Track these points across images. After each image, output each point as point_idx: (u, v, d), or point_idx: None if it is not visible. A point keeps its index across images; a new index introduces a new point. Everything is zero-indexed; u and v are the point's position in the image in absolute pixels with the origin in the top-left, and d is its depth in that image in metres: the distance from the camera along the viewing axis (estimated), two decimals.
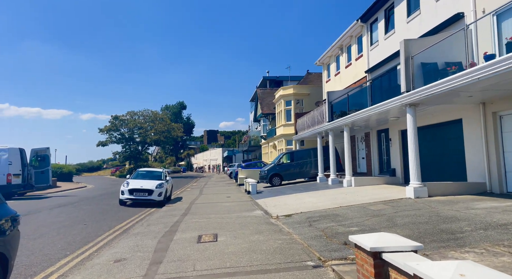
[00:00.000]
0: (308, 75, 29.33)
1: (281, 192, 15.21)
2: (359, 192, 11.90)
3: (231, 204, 12.57)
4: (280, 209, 10.17)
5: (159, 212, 11.39)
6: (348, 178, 14.04)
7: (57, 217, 10.38)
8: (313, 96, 25.73)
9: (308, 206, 10.03)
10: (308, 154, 19.41)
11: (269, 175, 18.71)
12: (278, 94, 27.22)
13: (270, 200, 12.54)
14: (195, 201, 14.26)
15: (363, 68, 16.79)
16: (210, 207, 12.05)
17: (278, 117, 28.18)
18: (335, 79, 20.87)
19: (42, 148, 17.51)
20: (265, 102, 35.42)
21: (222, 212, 10.56)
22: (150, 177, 14.81)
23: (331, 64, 21.47)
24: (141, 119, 46.89)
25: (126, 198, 13.15)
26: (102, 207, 12.96)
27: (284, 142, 26.34)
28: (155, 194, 13.28)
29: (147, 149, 50.46)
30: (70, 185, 26.45)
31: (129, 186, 13.29)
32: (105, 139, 45.66)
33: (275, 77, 39.99)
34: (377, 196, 10.32)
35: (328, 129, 16.08)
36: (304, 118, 21.39)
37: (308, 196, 12.53)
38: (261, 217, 9.15)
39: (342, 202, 10.06)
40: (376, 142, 15.83)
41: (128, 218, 10.33)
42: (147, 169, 16.03)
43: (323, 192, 13.31)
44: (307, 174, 19.23)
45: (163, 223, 8.98)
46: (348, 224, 7.05)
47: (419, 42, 9.74)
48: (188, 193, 19.06)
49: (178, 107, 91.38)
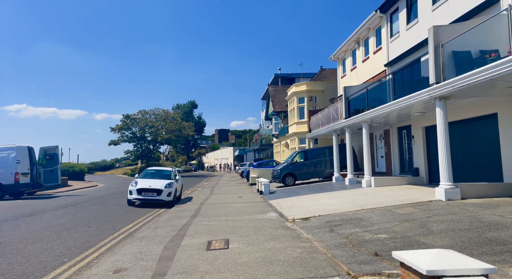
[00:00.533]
0: (322, 71, 28.41)
1: (295, 192, 14.47)
2: (381, 193, 11.06)
3: (243, 205, 11.91)
4: (295, 211, 9.45)
5: (167, 213, 10.83)
6: (367, 178, 13.19)
7: (61, 218, 9.93)
8: (327, 93, 24.84)
9: (326, 209, 9.27)
10: (322, 152, 18.59)
11: (282, 174, 17.98)
12: (291, 91, 26.42)
13: (284, 201, 11.83)
14: (206, 202, 13.67)
15: (382, 62, 15.86)
16: (221, 208, 11.42)
17: (290, 115, 27.39)
18: (351, 74, 19.96)
19: (50, 146, 17.25)
20: (277, 100, 34.64)
21: (234, 214, 9.91)
22: (159, 176, 14.30)
23: (347, 59, 20.55)
24: (152, 118, 46.80)
25: (134, 198, 12.66)
26: (109, 207, 12.51)
27: (297, 141, 25.54)
28: (164, 194, 12.75)
29: (158, 148, 50.38)
30: (82, 184, 26.34)
31: (137, 185, 12.79)
32: (117, 138, 45.77)
33: (287, 74, 39.13)
34: (403, 198, 9.48)
35: (345, 126, 15.24)
36: (318, 116, 20.56)
37: (325, 197, 11.76)
38: (275, 220, 8.46)
39: (363, 204, 9.26)
40: (396, 140, 14.90)
41: (135, 219, 9.79)
42: (156, 168, 15.53)
43: (341, 193, 12.51)
44: (321, 173, 18.42)
45: (171, 226, 8.39)
46: (375, 230, 6.27)
47: (450, 28, 8.84)
48: (198, 193, 18.52)
49: (189, 106, 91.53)
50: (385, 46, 15.55)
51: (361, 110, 14.34)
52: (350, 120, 14.65)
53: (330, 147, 18.72)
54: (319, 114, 20.37)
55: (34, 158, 16.48)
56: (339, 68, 22.11)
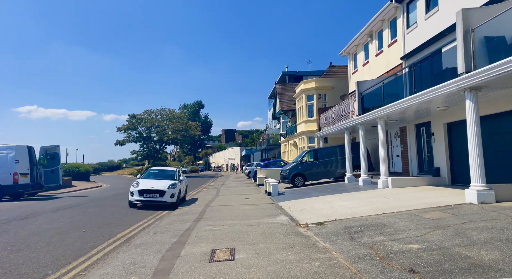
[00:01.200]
0: (331, 68, 27.49)
1: (306, 193, 13.64)
2: (401, 195, 10.17)
3: (251, 208, 11.14)
4: (308, 214, 8.64)
5: (170, 216, 10.12)
6: (383, 179, 12.30)
7: (56, 221, 9.28)
8: (337, 90, 23.92)
9: (342, 212, 8.44)
10: (333, 151, 17.71)
11: (291, 174, 17.16)
12: (299, 88, 25.57)
13: (295, 203, 11.02)
14: (211, 203, 12.93)
15: (397, 55, 14.93)
16: (227, 210, 10.66)
17: (299, 113, 26.54)
18: (363, 69, 19.04)
19: (51, 145, 16.70)
20: (285, 98, 33.80)
21: (241, 217, 9.14)
22: (163, 176, 13.61)
23: (359, 54, 19.63)
24: (159, 117, 46.35)
25: (136, 200, 11.98)
26: (109, 209, 11.86)
27: (306, 140, 24.67)
28: (167, 196, 12.05)
29: (164, 148, 49.93)
30: (86, 184, 25.89)
31: (139, 186, 12.12)
32: (123, 138, 45.45)
33: (294, 72, 38.25)
34: (427, 201, 8.59)
35: (358, 123, 14.35)
36: (328, 113, 19.68)
37: (339, 199, 10.91)
38: (287, 225, 7.66)
39: (384, 207, 8.40)
40: (414, 138, 13.96)
41: (135, 223, 9.09)
42: (159, 168, 14.84)
43: (355, 194, 11.64)
44: (332, 174, 17.55)
45: (172, 231, 7.66)
46: (404, 239, 5.44)
47: (481, 11, 7.93)
48: (204, 194, 17.81)
49: (196, 106, 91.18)
50: (401, 38, 14.62)
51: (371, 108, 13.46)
52: (364, 117, 13.77)
53: (342, 146, 17.84)
54: (330, 112, 19.49)
55: (34, 158, 15.94)
56: (350, 64, 21.19)
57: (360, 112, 14.38)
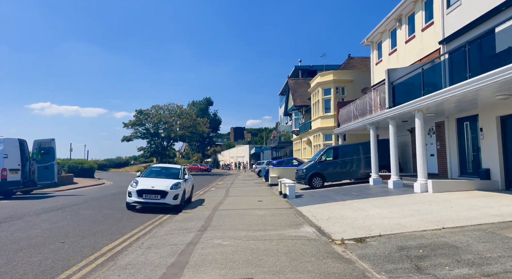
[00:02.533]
0: (350, 60, 25.58)
1: (328, 197, 11.92)
2: (449, 202, 8.38)
3: (266, 213, 9.49)
4: (339, 225, 6.95)
5: (171, 222, 8.55)
6: (421, 181, 10.50)
7: (34, 227, 7.79)
8: (357, 83, 22.05)
9: (383, 224, 6.72)
10: (356, 149, 15.92)
11: (308, 174, 15.43)
12: (315, 81, 23.76)
13: (318, 209, 9.33)
14: (219, 206, 11.33)
15: (434, 39, 13.05)
16: (238, 216, 9.04)
17: (314, 109, 24.74)
18: (389, 59, 17.15)
19: (46, 139, 15.29)
20: (298, 93, 32.01)
21: (255, 226, 7.51)
22: (165, 175, 12.07)
23: (384, 42, 17.74)
24: (166, 113, 45.04)
25: (134, 202, 10.45)
26: (104, 212, 10.36)
27: (322, 137, 22.88)
28: (170, 197, 10.50)
29: (172, 144, 48.62)
30: (89, 181, 24.66)
31: (138, 186, 10.59)
32: (130, 134, 44.33)
33: (308, 67, 36.39)
34: (491, 211, 6.81)
35: (388, 117, 12.54)
36: (349, 107, 17.86)
37: (372, 205, 9.17)
38: (316, 241, 5.99)
39: (437, 219, 6.65)
40: (455, 134, 12.08)
41: (128, 231, 7.55)
42: (162, 165, 13.26)
43: (389, 199, 9.87)
44: (354, 174, 15.77)
45: (171, 245, 6.07)
46: (504, 276, 3.70)
47: None
48: (212, 194, 16.24)
49: (205, 103, 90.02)
50: (439, 20, 12.73)
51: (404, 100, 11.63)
52: (396, 110, 11.95)
53: (365, 144, 16.04)
54: (351, 106, 17.67)
55: (27, 153, 14.57)
56: (373, 54, 19.30)
57: (391, 104, 12.56)
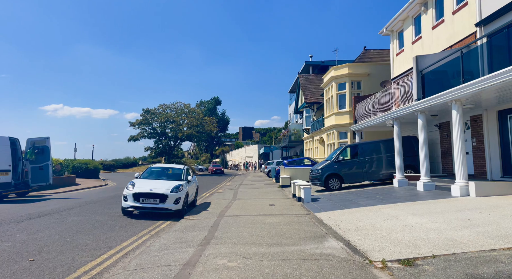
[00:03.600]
0: (365, 53, 24.03)
1: (349, 200, 10.52)
2: (504, 209, 6.92)
3: (280, 221, 8.16)
4: (373, 239, 5.58)
5: (169, 232, 7.29)
6: (461, 183, 9.02)
7: (7, 239, 6.62)
8: (374, 77, 20.51)
9: (430, 238, 5.32)
10: (376, 148, 14.44)
11: (324, 175, 14.03)
12: (328, 75, 22.29)
13: (341, 216, 7.95)
14: (227, 211, 10.04)
15: (469, 22, 11.52)
16: (247, 225, 7.73)
17: (327, 105, 23.26)
18: (412, 48, 15.61)
19: (40, 138, 14.20)
20: (309, 90, 30.55)
21: (269, 239, 6.19)
22: (166, 176, 10.86)
23: (406, 30, 16.20)
24: (174, 112, 44.04)
25: (130, 206, 9.24)
26: (96, 218, 9.16)
27: (336, 135, 21.41)
28: (170, 201, 9.26)
29: (179, 144, 47.60)
30: (91, 182, 23.70)
31: (134, 188, 9.38)
32: (137, 133, 43.47)
33: (319, 62, 34.87)
34: None
35: (418, 110, 11.06)
36: (368, 102, 16.39)
37: (406, 211, 7.74)
38: (348, 262, 4.64)
39: (503, 233, 5.24)
40: (496, 129, 10.54)
41: (117, 244, 6.32)
42: (163, 165, 12.00)
43: (425, 205, 8.41)
44: (375, 175, 14.28)
45: (162, 266, 4.79)
46: None
47: None
48: (219, 197, 14.98)
49: (213, 102, 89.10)
50: (475, 0, 11.19)
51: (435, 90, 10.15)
52: (426, 102, 10.47)
53: (387, 141, 14.57)
54: (370, 100, 16.20)
55: (19, 152, 13.52)
56: (393, 44, 17.76)
57: (420, 95, 11.07)
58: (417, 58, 11.29)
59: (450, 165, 13.07)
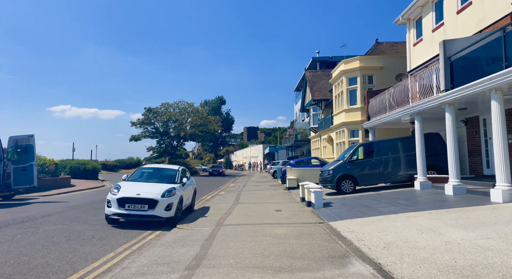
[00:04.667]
0: (377, 46, 22.58)
1: (367, 206, 9.14)
2: None
3: (288, 232, 6.82)
4: (412, 261, 4.22)
5: (154, 248, 6.00)
6: (504, 187, 7.59)
7: None
8: (387, 71, 19.06)
9: (494, 264, 3.94)
10: (393, 146, 13.03)
11: (336, 176, 12.65)
12: (338, 69, 20.88)
13: (362, 227, 6.59)
14: (226, 219, 8.72)
15: (500, 3, 10.06)
16: (249, 238, 6.41)
17: (336, 101, 21.85)
18: (432, 36, 14.16)
19: (23, 136, 12.93)
20: (316, 86, 29.15)
21: (275, 259, 4.86)
22: (158, 178, 9.59)
23: (425, 17, 14.75)
24: (176, 111, 42.90)
25: (114, 214, 7.97)
26: (73, 227, 7.91)
27: (347, 133, 19.99)
28: (161, 207, 7.99)
29: (182, 144, 46.47)
30: (89, 183, 22.58)
31: (120, 193, 8.12)
32: (139, 133, 42.39)
33: (327, 58, 33.43)
34: None
35: (445, 102, 9.64)
36: (383, 96, 14.97)
37: (442, 222, 6.35)
38: None
39: None
40: None
41: (85, 264, 5.05)
42: (155, 165, 10.67)
43: (463, 214, 7.00)
44: (392, 176, 12.86)
45: None
46: None
47: None
48: (220, 200, 13.69)
49: (218, 102, 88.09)
50: None
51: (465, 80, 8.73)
52: (458, 92, 9.05)
53: (406, 139, 13.18)
54: (385, 94, 14.77)
55: (1, 152, 12.38)
56: (410, 33, 16.30)
57: (449, 85, 9.64)
58: (444, 43, 9.86)
59: (478, 165, 11.61)
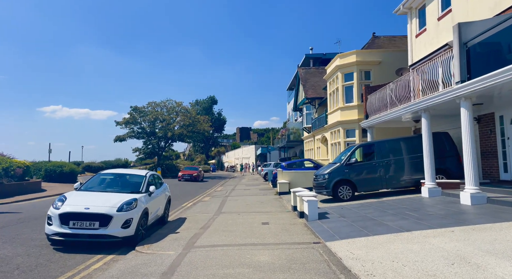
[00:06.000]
0: (374, 39, 21.23)
1: (371, 219, 7.64)
2: None
3: (275, 260, 5.25)
4: None
5: None
6: None
7: None
8: (386, 66, 17.69)
9: None
10: (396, 147, 11.58)
11: (332, 181, 11.14)
12: (333, 64, 19.43)
13: (368, 251, 5.08)
14: (201, 237, 7.12)
15: None
16: (222, 271, 4.82)
17: (331, 99, 20.42)
18: (438, 25, 12.77)
19: None
20: (310, 84, 27.72)
21: None
22: (120, 186, 7.93)
23: (429, 4, 13.36)
24: (164, 110, 41.05)
25: (55, 233, 6.30)
26: (0, 251, 6.22)
27: (342, 133, 18.54)
28: (116, 224, 6.37)
29: (171, 145, 44.60)
30: (63, 188, 20.66)
31: (64, 207, 6.46)
32: (126, 133, 40.37)
33: (321, 55, 32.05)
34: None
35: (462, 95, 8.19)
36: (383, 92, 13.53)
37: (475, 246, 4.85)
38: None
39: None
40: None
41: None
42: (118, 171, 8.80)
43: (498, 234, 5.51)
44: (395, 181, 11.37)
45: None
46: None
47: None
48: (201, 208, 12.08)
49: (209, 101, 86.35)
50: None
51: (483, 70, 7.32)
52: (477, 84, 7.61)
53: (410, 139, 11.78)
54: (386, 89, 13.34)
55: None
56: (411, 24, 14.91)
57: (465, 76, 8.19)
58: (460, 27, 8.40)
59: (494, 169, 10.21)
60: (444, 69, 9.29)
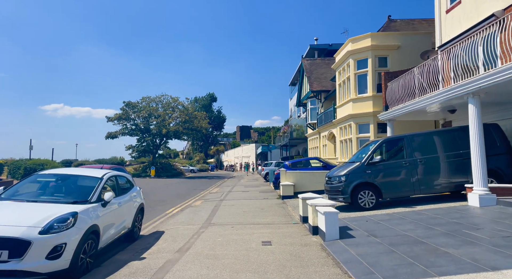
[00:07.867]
0: (390, 23, 18.89)
1: (417, 241, 5.35)
2: None
3: None
4: None
5: None
6: None
7: None
8: (405, 50, 15.38)
9: None
10: (429, 143, 9.27)
11: (351, 185, 8.84)
12: (344, 50, 17.11)
13: None
14: (172, 269, 4.84)
15: None
16: None
17: (341, 90, 18.11)
18: None
19: None
20: (315, 76, 25.41)
21: None
22: (63, 192, 5.64)
23: None
24: (159, 106, 38.77)
25: None
26: None
27: (354, 128, 16.22)
28: (38, 254, 4.12)
29: (166, 143, 42.31)
30: None
31: None
32: (118, 129, 38.05)
33: (326, 45, 29.70)
34: None
35: None
36: (409, 76, 11.22)
37: None
38: None
39: None
40: None
41: None
42: (61, 171, 6.33)
43: None
44: (428, 185, 9.01)
45: None
46: None
47: None
48: (187, 217, 9.79)
49: (208, 99, 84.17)
50: None
51: None
52: None
53: (446, 133, 9.51)
54: (414, 72, 11.03)
55: None
56: None
57: None
58: None
59: None
60: (487, 47, 7.08)
